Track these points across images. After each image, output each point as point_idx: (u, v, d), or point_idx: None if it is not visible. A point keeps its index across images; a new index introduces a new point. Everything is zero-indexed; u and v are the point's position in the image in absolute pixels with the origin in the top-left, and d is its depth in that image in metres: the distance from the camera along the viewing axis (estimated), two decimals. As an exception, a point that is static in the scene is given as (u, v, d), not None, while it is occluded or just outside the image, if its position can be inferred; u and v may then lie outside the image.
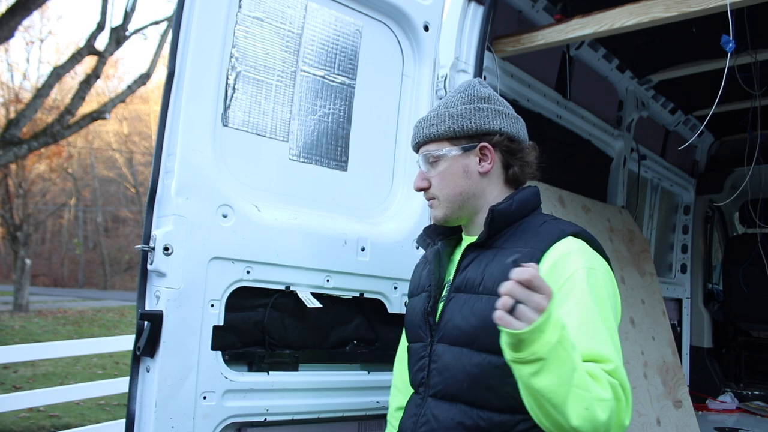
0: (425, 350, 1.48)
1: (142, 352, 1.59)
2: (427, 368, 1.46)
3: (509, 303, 1.06)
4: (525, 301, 1.06)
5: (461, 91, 1.58)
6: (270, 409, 1.79)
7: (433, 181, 1.53)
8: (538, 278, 1.06)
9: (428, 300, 1.51)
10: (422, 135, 1.55)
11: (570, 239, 1.37)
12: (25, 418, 6.17)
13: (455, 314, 1.42)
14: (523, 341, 1.07)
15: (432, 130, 1.53)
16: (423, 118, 1.57)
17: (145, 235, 1.63)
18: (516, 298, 1.06)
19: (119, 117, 27.62)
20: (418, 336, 1.52)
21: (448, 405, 1.40)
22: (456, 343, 1.39)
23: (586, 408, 1.12)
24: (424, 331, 1.49)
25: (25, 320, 14.22)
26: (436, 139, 1.52)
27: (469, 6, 2.34)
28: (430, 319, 1.49)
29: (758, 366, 4.63)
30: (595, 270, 1.32)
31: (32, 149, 10.51)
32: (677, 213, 4.85)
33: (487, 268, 1.40)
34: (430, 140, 1.53)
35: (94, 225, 32.08)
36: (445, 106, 1.55)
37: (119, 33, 10.87)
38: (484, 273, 1.40)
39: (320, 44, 1.98)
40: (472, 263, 1.46)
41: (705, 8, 2.02)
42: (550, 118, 3.11)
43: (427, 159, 1.54)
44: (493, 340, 1.20)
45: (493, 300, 1.20)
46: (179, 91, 1.66)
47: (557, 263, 1.32)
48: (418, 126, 1.56)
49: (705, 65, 3.42)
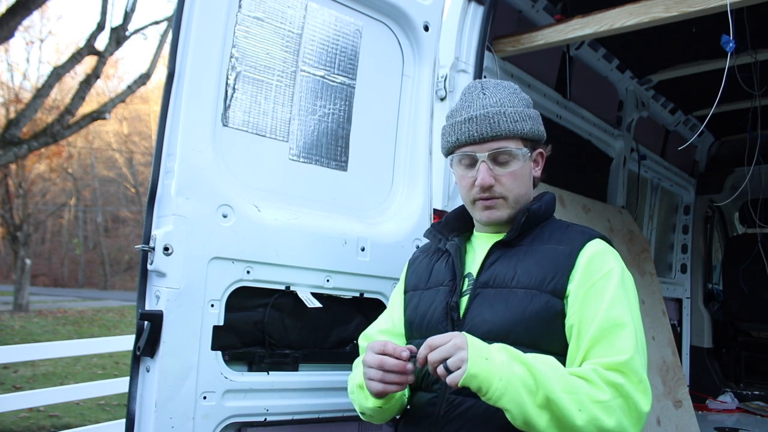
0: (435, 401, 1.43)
1: (142, 352, 1.59)
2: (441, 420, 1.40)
3: (441, 369, 1.22)
4: (446, 354, 1.22)
5: (514, 92, 1.53)
6: (270, 409, 1.78)
7: (503, 179, 1.46)
8: (433, 340, 1.25)
9: (450, 295, 1.48)
10: (503, 129, 1.45)
11: (599, 240, 1.45)
12: (25, 418, 6.18)
13: (485, 309, 1.40)
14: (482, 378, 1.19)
15: (515, 127, 1.45)
16: (496, 112, 1.46)
17: (145, 235, 1.63)
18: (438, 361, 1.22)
19: (119, 117, 27.64)
20: (436, 331, 1.44)
21: (476, 401, 1.34)
22: (486, 338, 1.32)
23: (579, 410, 1.19)
24: (445, 327, 1.45)
25: (25, 320, 14.22)
26: (512, 136, 1.46)
27: (469, 6, 2.34)
28: (453, 315, 1.45)
29: (758, 366, 4.63)
30: (626, 272, 1.42)
31: (32, 149, 10.51)
32: (677, 213, 4.85)
33: (520, 264, 1.43)
34: (507, 136, 1.46)
35: (94, 225, 32.08)
36: (511, 105, 1.48)
37: (119, 33, 10.87)
38: (517, 268, 1.42)
39: (320, 44, 1.98)
40: (498, 260, 1.47)
41: (705, 8, 2.02)
42: (550, 118, 3.11)
43: (496, 156, 1.46)
44: (528, 332, 1.35)
45: (528, 294, 1.37)
46: (179, 91, 1.66)
47: (593, 259, 1.39)
48: (494, 118, 1.45)
49: (705, 65, 3.42)
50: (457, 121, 1.49)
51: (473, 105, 1.49)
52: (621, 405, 1.23)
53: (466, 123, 1.47)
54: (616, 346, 1.28)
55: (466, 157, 1.49)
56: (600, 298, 1.33)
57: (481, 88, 1.52)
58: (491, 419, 1.33)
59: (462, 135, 1.47)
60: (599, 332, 1.30)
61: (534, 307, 1.36)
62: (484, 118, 1.45)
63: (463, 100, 1.53)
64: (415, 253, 1.74)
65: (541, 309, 1.36)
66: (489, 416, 1.33)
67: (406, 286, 1.67)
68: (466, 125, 1.47)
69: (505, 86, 1.54)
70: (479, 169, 1.46)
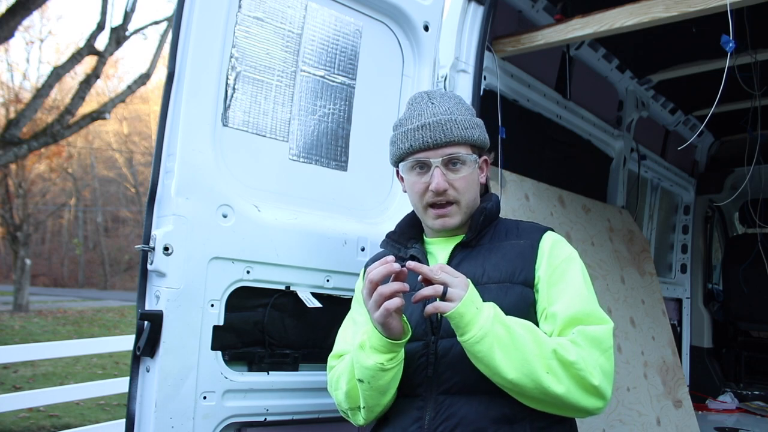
0: (426, 348, 1.46)
1: (142, 352, 1.59)
2: (433, 365, 1.44)
3: (440, 289, 1.30)
4: (451, 282, 1.31)
5: (460, 102, 1.59)
6: (270, 409, 1.79)
7: (456, 184, 1.51)
8: (446, 267, 1.36)
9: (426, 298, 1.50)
10: (455, 135, 1.50)
11: (551, 232, 1.59)
12: (25, 418, 6.18)
13: None
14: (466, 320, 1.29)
15: (466, 134, 1.51)
16: (447, 120, 1.51)
17: (145, 235, 1.63)
18: (445, 282, 1.31)
19: (119, 117, 27.64)
20: (415, 335, 1.47)
21: (467, 398, 1.39)
22: None
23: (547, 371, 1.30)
24: (424, 329, 1.47)
25: (25, 320, 14.23)
26: (463, 142, 1.51)
27: (469, 6, 2.34)
28: (432, 317, 1.47)
29: (758, 366, 4.63)
30: (579, 257, 1.56)
31: (32, 149, 10.51)
32: (677, 213, 4.85)
33: (487, 261, 1.51)
34: (458, 143, 1.51)
35: (94, 225, 32.09)
36: (460, 113, 1.54)
37: (119, 33, 10.87)
38: (485, 266, 1.50)
39: (320, 44, 1.98)
40: (463, 261, 1.53)
41: (705, 8, 2.02)
42: (550, 118, 3.11)
43: (449, 161, 1.51)
44: None
45: (503, 287, 1.46)
46: (179, 91, 1.66)
47: (553, 248, 1.52)
48: (446, 125, 1.50)
49: (705, 65, 3.42)
50: (409, 129, 1.53)
51: (424, 113, 1.54)
52: None
53: (419, 130, 1.52)
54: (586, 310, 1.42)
55: (418, 164, 1.53)
56: (564, 280, 1.46)
57: (428, 98, 1.57)
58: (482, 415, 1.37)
59: (415, 141, 1.52)
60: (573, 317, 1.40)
61: (510, 299, 1.43)
62: (437, 125, 1.50)
63: (412, 110, 1.58)
64: (370, 264, 1.71)
65: (516, 300, 1.44)
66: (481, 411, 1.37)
67: None
68: (419, 132, 1.51)
69: (451, 96, 1.60)
70: (433, 174, 1.50)
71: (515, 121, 2.76)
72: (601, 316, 1.43)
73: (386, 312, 1.32)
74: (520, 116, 2.88)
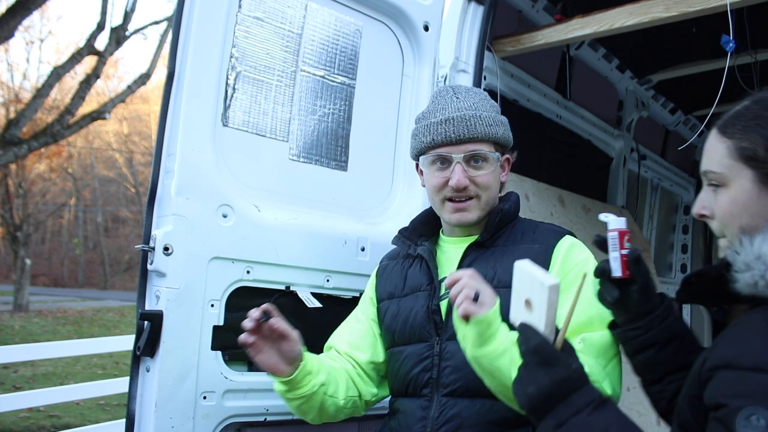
0: (431, 350, 1.46)
1: (142, 352, 1.59)
2: (437, 367, 1.44)
3: (472, 293, 1.19)
4: (482, 290, 1.21)
5: (486, 98, 1.56)
6: (270, 409, 1.78)
7: (477, 180, 1.49)
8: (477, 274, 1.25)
9: (430, 299, 1.50)
10: (479, 132, 1.47)
11: (569, 236, 1.53)
12: (25, 418, 6.18)
13: None
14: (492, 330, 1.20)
15: (490, 131, 1.49)
16: (472, 115, 1.48)
17: (145, 235, 1.63)
18: (474, 289, 1.20)
19: (119, 117, 27.63)
20: (419, 336, 1.49)
21: (470, 401, 1.39)
22: None
23: None
24: (428, 331, 1.47)
25: (25, 320, 14.23)
26: (487, 139, 1.49)
27: (469, 6, 2.34)
28: (435, 318, 1.47)
29: None
30: (595, 262, 1.47)
31: (32, 149, 10.51)
32: (677, 213, 4.85)
33: (498, 263, 1.46)
34: (482, 139, 1.48)
35: (94, 225, 32.10)
36: (485, 109, 1.51)
37: (119, 33, 10.87)
38: (496, 268, 1.45)
39: (320, 44, 1.98)
40: (475, 261, 1.49)
41: (705, 8, 2.02)
42: (550, 118, 3.11)
43: (471, 158, 1.48)
44: None
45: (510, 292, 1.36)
46: (179, 91, 1.66)
47: (569, 252, 1.47)
48: (470, 121, 1.47)
49: (705, 65, 3.42)
50: (432, 122, 1.50)
51: (448, 107, 1.51)
52: None
53: (442, 124, 1.48)
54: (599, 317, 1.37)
55: (439, 158, 1.51)
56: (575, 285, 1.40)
57: (454, 93, 1.54)
58: (484, 418, 1.36)
59: (438, 136, 1.49)
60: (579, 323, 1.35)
61: None
62: (461, 120, 1.47)
63: (436, 103, 1.54)
64: (383, 261, 1.72)
65: None
66: (483, 414, 1.37)
67: (379, 295, 1.65)
68: (442, 126, 1.48)
69: (476, 92, 1.58)
70: (454, 170, 1.48)
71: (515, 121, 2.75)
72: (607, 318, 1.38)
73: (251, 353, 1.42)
74: (520, 116, 2.88)
